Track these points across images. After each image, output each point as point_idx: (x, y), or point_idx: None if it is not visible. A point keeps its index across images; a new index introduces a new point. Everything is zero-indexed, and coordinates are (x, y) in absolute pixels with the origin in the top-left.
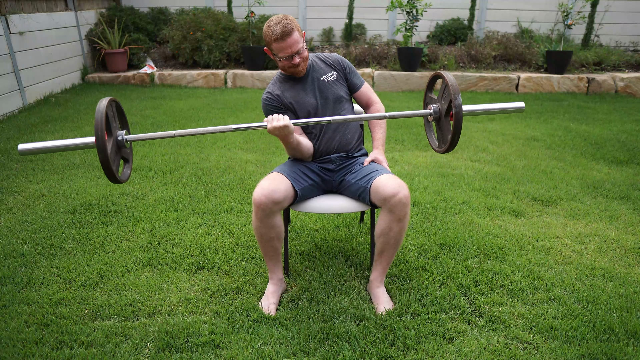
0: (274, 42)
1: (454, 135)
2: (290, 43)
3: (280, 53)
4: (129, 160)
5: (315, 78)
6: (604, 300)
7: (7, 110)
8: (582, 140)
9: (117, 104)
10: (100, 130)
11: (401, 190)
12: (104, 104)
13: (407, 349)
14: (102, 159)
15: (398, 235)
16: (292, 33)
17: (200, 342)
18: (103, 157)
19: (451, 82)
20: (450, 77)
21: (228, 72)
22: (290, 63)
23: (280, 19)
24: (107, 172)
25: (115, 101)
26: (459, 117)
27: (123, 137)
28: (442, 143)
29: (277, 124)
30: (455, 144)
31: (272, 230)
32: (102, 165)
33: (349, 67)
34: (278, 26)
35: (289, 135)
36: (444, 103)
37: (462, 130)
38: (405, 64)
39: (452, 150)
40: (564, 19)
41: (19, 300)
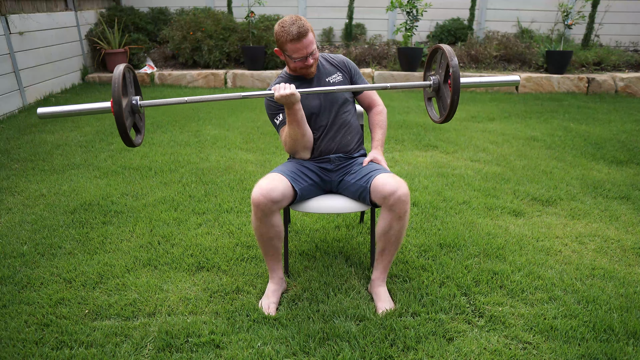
0: (289, 42)
1: (453, 96)
2: (306, 44)
3: (294, 54)
4: (140, 130)
5: (321, 79)
6: (604, 300)
7: (7, 110)
8: (582, 140)
9: (134, 74)
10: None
11: (400, 188)
12: (122, 67)
13: (407, 349)
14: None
15: (399, 234)
16: (307, 34)
17: (200, 342)
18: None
19: (447, 49)
20: (447, 46)
21: (228, 72)
22: (303, 64)
23: (295, 20)
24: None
25: (132, 70)
26: (456, 77)
27: (137, 102)
28: (443, 110)
29: (284, 92)
30: (455, 107)
31: (272, 230)
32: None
33: (355, 69)
34: (294, 27)
35: (295, 104)
36: (442, 72)
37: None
38: (405, 64)
39: (452, 116)
40: (564, 19)
41: (19, 300)
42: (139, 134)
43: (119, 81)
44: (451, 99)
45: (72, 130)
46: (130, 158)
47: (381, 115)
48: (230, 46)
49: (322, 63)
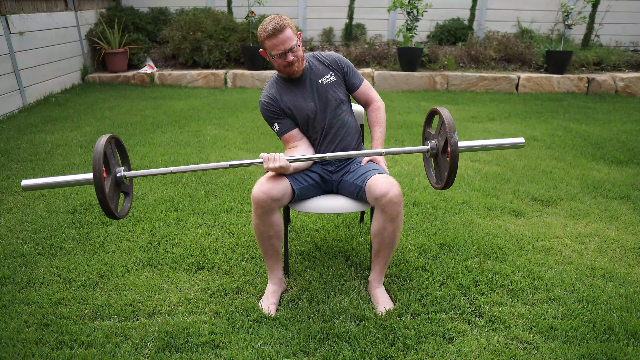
0: (266, 39)
1: (450, 173)
2: (283, 39)
3: (273, 51)
4: (129, 193)
5: (313, 80)
6: (604, 300)
7: (7, 110)
8: (582, 140)
9: (116, 140)
10: (98, 170)
11: (391, 190)
12: (102, 143)
13: (407, 349)
14: (100, 198)
15: (392, 235)
16: (284, 30)
17: (200, 342)
18: (101, 196)
19: (447, 119)
20: (446, 114)
21: (228, 72)
22: (284, 61)
23: (273, 18)
24: (105, 210)
25: (115, 138)
26: (454, 156)
27: (122, 174)
28: (440, 180)
29: (273, 165)
30: (452, 181)
31: (272, 228)
32: (100, 203)
33: (348, 66)
34: (270, 24)
35: (286, 171)
36: (441, 140)
37: (462, 131)
38: (405, 64)
39: (450, 187)
40: (564, 19)
41: (19, 300)
42: (128, 196)
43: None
44: (447, 176)
45: (72, 130)
46: (131, 158)
47: (379, 111)
48: (230, 46)
49: (313, 63)
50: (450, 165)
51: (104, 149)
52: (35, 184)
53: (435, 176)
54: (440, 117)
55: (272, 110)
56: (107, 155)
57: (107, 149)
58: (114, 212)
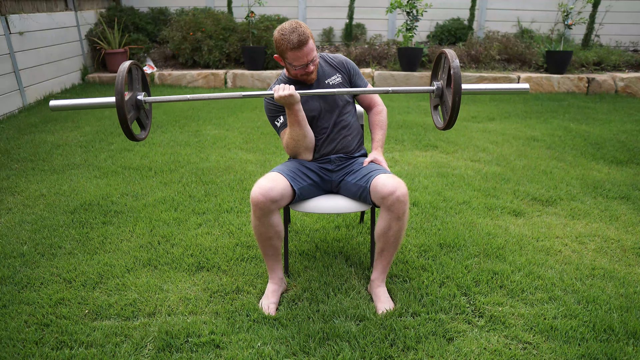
0: (289, 50)
1: (454, 97)
2: (307, 52)
3: (295, 62)
4: (145, 126)
5: (320, 81)
6: (604, 300)
7: (7, 110)
8: (582, 140)
9: (142, 72)
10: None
11: (399, 188)
12: (128, 63)
13: (407, 349)
14: (118, 101)
15: (397, 234)
16: (308, 42)
17: (200, 342)
18: (119, 99)
19: (449, 52)
20: (449, 50)
21: (228, 72)
22: (304, 71)
23: (295, 27)
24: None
25: (141, 68)
26: (456, 77)
27: (142, 98)
28: (445, 114)
29: (283, 93)
30: (457, 109)
31: (271, 229)
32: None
33: (354, 69)
34: (294, 35)
35: (295, 104)
36: (445, 76)
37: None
38: (405, 64)
39: (455, 121)
40: (564, 19)
41: (19, 300)
42: (144, 130)
43: (123, 74)
44: (452, 101)
45: (72, 130)
46: (130, 158)
47: (381, 115)
48: (230, 46)
49: (320, 64)
50: (453, 89)
51: (129, 67)
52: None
53: (442, 117)
54: (443, 53)
55: (277, 105)
56: (132, 76)
57: (133, 69)
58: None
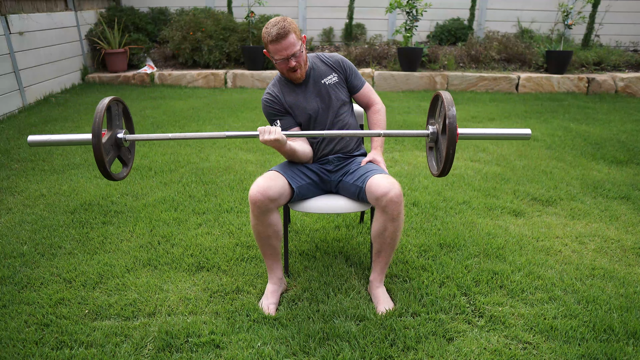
0: (270, 43)
1: (449, 148)
2: (286, 45)
3: (276, 55)
4: (127, 163)
5: (316, 81)
6: (604, 300)
7: (7, 110)
8: (582, 140)
9: (124, 106)
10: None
11: (392, 189)
12: (107, 100)
13: (407, 349)
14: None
15: (393, 235)
16: (287, 35)
17: (200, 342)
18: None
19: (446, 97)
20: (446, 93)
21: (228, 72)
22: (286, 66)
23: (278, 21)
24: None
25: (121, 102)
26: (452, 128)
27: (122, 136)
28: (439, 162)
29: (269, 137)
30: (451, 160)
31: (270, 228)
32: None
33: (350, 68)
34: (274, 28)
35: (282, 147)
36: (440, 121)
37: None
38: (405, 64)
39: (449, 170)
40: (564, 19)
41: (19, 300)
42: (126, 166)
43: (100, 114)
44: (446, 152)
45: (72, 130)
46: None
47: (379, 114)
48: (230, 46)
49: (316, 63)
50: (448, 140)
51: (108, 104)
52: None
53: (436, 163)
54: (439, 97)
55: (274, 107)
56: (112, 113)
57: (113, 107)
58: (106, 165)
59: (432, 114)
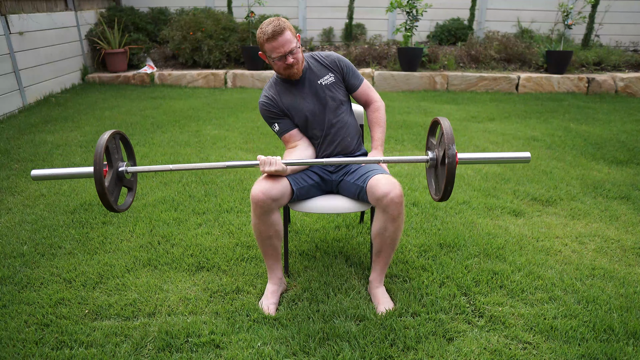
0: (265, 42)
1: (447, 185)
2: (282, 42)
3: (272, 53)
4: (132, 188)
5: (312, 81)
6: (604, 300)
7: (7, 110)
8: (582, 140)
9: (121, 136)
10: (99, 164)
11: (393, 190)
12: (105, 137)
13: (407, 349)
14: (99, 190)
15: (394, 235)
16: (283, 32)
17: (200, 342)
18: (100, 189)
19: (446, 130)
20: (446, 125)
21: (228, 72)
22: (284, 64)
23: (272, 20)
24: (104, 203)
25: (119, 133)
26: (451, 168)
27: (124, 169)
28: (438, 191)
29: (269, 169)
30: (449, 193)
31: (271, 228)
32: (100, 196)
33: (347, 66)
34: (269, 26)
35: (284, 174)
36: (441, 151)
37: (462, 131)
38: (405, 64)
39: (447, 199)
40: (564, 19)
41: (19, 300)
42: (131, 191)
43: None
44: (444, 188)
45: (72, 130)
46: None
47: (379, 112)
48: (230, 46)
49: (312, 64)
50: (447, 177)
51: (106, 144)
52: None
53: (435, 187)
54: (440, 128)
55: (272, 110)
56: (110, 149)
57: (110, 143)
58: (112, 205)
59: (432, 134)
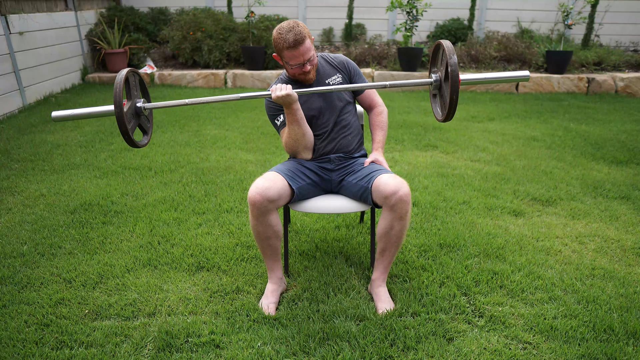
0: (285, 49)
1: (452, 95)
2: (303, 51)
3: (291, 61)
4: (147, 131)
5: (321, 81)
6: (604, 300)
7: (7, 110)
8: (582, 140)
9: (140, 77)
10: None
11: (402, 188)
12: (125, 71)
13: (407, 349)
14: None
15: (399, 234)
16: (304, 41)
17: (200, 342)
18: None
19: (447, 45)
20: (447, 42)
21: (228, 72)
22: (301, 71)
23: (292, 26)
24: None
25: (138, 74)
26: (454, 76)
27: (142, 105)
28: (443, 109)
29: (280, 93)
30: (454, 106)
31: (269, 229)
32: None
33: (354, 69)
34: (290, 34)
35: (292, 104)
36: (443, 69)
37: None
38: (405, 64)
39: (453, 115)
40: (564, 19)
41: (19, 300)
42: (146, 134)
43: (120, 85)
44: (450, 98)
45: (72, 130)
46: (130, 158)
47: (382, 116)
48: (230, 46)
49: (321, 64)
50: (450, 87)
51: (126, 75)
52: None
53: (440, 106)
54: (440, 46)
55: (277, 105)
56: (130, 84)
57: (130, 78)
58: (130, 134)
59: (434, 62)
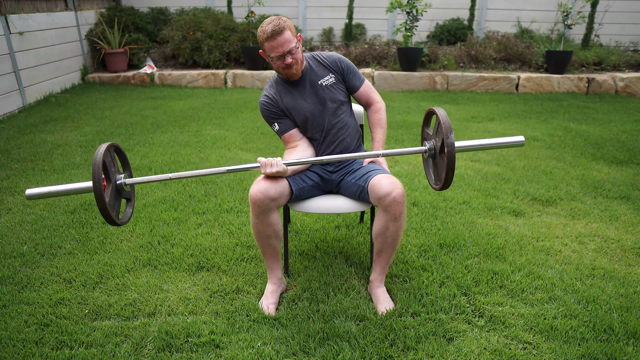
0: (265, 41)
1: (448, 173)
2: (281, 42)
3: (271, 53)
4: (131, 199)
5: (313, 82)
6: (604, 300)
7: (7, 110)
8: (582, 140)
9: (116, 148)
10: (98, 181)
11: (395, 189)
12: (100, 152)
13: (407, 349)
14: (101, 207)
15: (395, 235)
16: (283, 32)
17: (200, 342)
18: (102, 205)
19: (443, 119)
20: (442, 114)
21: (228, 72)
22: (282, 63)
23: (272, 19)
24: (106, 218)
25: (114, 145)
26: (451, 157)
27: (122, 182)
28: (438, 180)
29: (270, 171)
30: (450, 182)
31: (270, 228)
32: (101, 212)
33: (348, 67)
34: (269, 25)
35: (284, 175)
36: (438, 140)
37: (462, 131)
38: (405, 64)
39: (448, 188)
40: (564, 19)
41: (19, 300)
42: (129, 202)
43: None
44: (445, 176)
45: (72, 130)
46: (130, 158)
47: (380, 112)
48: (230, 46)
49: (312, 64)
50: (447, 166)
51: (102, 159)
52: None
53: (434, 176)
54: (436, 117)
55: (272, 110)
56: (107, 164)
57: (106, 158)
58: (115, 219)
59: (427, 125)
